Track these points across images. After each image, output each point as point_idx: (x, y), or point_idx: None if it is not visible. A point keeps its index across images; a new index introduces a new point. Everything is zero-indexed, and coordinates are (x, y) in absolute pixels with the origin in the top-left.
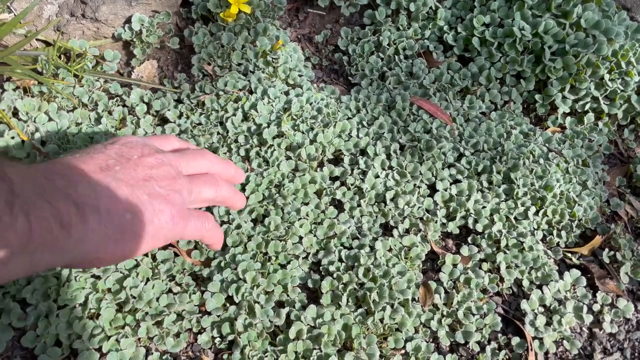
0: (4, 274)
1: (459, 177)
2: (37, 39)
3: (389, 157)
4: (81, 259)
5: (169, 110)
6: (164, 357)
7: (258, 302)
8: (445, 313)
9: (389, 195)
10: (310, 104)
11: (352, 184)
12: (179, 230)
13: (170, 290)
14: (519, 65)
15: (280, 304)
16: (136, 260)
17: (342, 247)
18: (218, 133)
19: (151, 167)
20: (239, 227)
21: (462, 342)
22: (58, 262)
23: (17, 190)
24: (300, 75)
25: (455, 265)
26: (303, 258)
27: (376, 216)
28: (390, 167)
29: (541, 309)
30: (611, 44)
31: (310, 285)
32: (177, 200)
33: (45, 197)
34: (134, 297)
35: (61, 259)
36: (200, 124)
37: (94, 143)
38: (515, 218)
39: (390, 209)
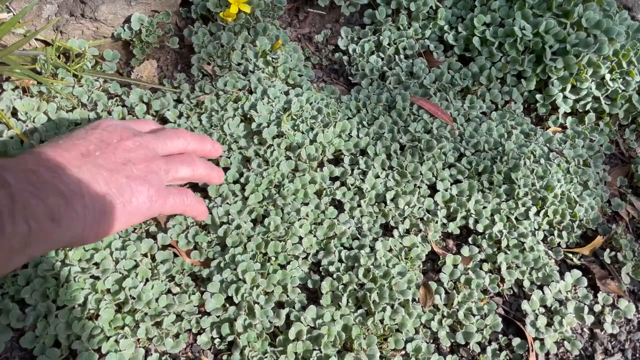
0: (7, 268)
1: (460, 177)
2: (36, 39)
3: (389, 157)
4: (68, 242)
5: (168, 110)
6: (163, 358)
7: (258, 303)
8: (445, 314)
9: (389, 195)
10: (310, 104)
11: (352, 184)
12: (158, 207)
13: (169, 291)
14: (519, 65)
15: (280, 305)
16: (135, 260)
17: (342, 248)
18: (218, 132)
19: (129, 151)
20: (238, 227)
21: (463, 342)
22: (50, 248)
23: (15, 195)
24: (300, 75)
25: (455, 266)
26: (303, 258)
27: (376, 216)
28: (391, 167)
29: (542, 310)
30: (612, 44)
31: (310, 285)
32: (154, 181)
33: (38, 193)
34: (133, 298)
35: (52, 246)
36: (200, 123)
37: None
38: (516, 218)
39: (390, 209)
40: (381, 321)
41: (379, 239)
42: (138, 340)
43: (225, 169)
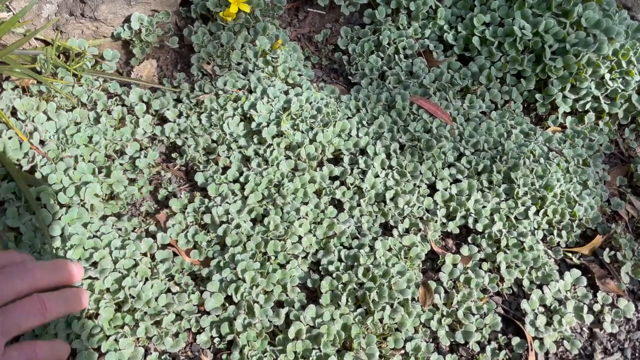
0: None
1: (459, 176)
2: (35, 38)
3: (388, 156)
4: None
5: (168, 109)
6: (162, 357)
7: (257, 302)
8: (445, 313)
9: (389, 194)
10: (310, 104)
11: (351, 184)
12: None
13: (169, 290)
14: (519, 64)
15: (279, 304)
16: (135, 259)
17: (341, 247)
18: (218, 132)
19: None
20: (238, 226)
21: (462, 342)
22: None
23: None
24: (299, 75)
25: (455, 265)
26: (302, 258)
27: (376, 216)
28: (390, 167)
29: (541, 309)
30: (612, 43)
31: (309, 285)
32: None
33: None
34: (133, 297)
35: None
36: (200, 123)
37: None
38: (515, 218)
39: (390, 209)
40: (380, 320)
41: (379, 238)
42: (137, 339)
43: (225, 168)
